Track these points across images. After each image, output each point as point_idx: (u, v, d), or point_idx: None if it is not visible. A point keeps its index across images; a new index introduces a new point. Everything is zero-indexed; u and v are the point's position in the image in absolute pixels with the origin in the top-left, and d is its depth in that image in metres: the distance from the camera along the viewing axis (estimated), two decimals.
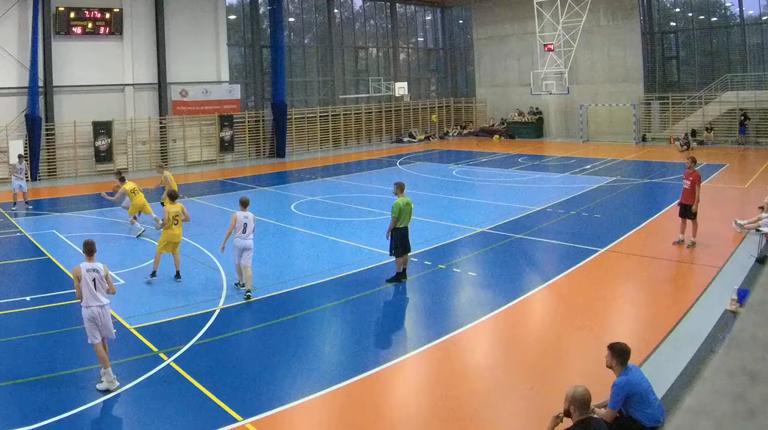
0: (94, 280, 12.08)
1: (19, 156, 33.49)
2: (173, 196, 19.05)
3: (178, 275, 18.78)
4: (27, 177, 32.16)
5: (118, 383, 11.84)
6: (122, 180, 25.24)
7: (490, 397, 11.71)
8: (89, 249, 12.48)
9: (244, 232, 17.54)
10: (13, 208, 30.08)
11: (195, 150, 48.76)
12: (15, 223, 27.34)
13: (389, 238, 18.03)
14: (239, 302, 16.74)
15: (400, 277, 18.10)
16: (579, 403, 8.15)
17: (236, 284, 18.16)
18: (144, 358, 13.29)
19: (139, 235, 24.19)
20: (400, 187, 18.28)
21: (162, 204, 23.04)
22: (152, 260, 19.02)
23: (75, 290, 12.25)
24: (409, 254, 18.49)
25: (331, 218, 27.36)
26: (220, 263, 20.29)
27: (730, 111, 49.53)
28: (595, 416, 8.58)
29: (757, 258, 18.79)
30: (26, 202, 31.24)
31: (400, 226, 17.85)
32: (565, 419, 8.55)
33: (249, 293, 17.22)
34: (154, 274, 18.77)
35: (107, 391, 11.70)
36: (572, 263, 19.71)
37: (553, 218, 26.01)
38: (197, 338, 14.26)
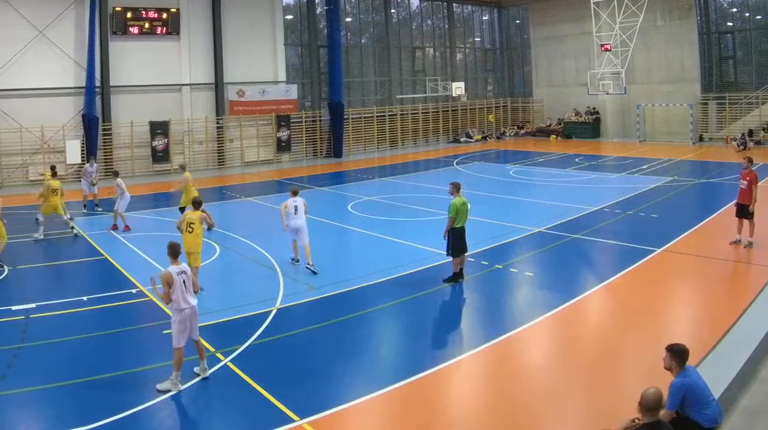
0: (184, 282, 11.84)
1: (89, 158, 31.91)
2: (198, 204, 17.69)
3: None
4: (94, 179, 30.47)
5: (181, 387, 11.56)
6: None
7: (546, 397, 11.38)
8: (175, 251, 12.29)
9: (295, 213, 19.16)
10: (84, 210, 29.12)
11: (252, 150, 46.82)
12: (72, 223, 26.08)
13: (446, 238, 17.49)
14: (297, 302, 16.34)
15: (457, 277, 17.58)
16: (647, 405, 7.95)
17: (291, 259, 19.91)
18: None
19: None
20: (456, 187, 17.74)
21: (181, 209, 23.46)
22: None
23: (163, 296, 11.83)
24: (465, 254, 17.94)
25: (388, 218, 26.39)
26: (277, 262, 19.84)
27: None
28: (664, 421, 8.28)
29: None
30: (95, 205, 29.76)
31: (457, 226, 17.32)
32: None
33: (311, 267, 18.79)
34: None
35: (167, 392, 11.43)
36: (629, 263, 19.14)
37: (610, 218, 25.31)
38: (254, 337, 13.96)
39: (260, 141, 47.25)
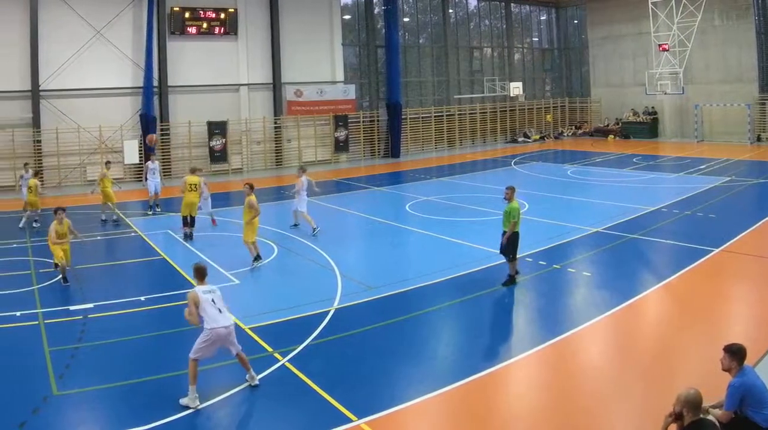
0: (213, 300, 11.08)
1: (149, 155, 30.43)
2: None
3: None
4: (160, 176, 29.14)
5: (199, 405, 10.67)
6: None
7: (604, 398, 11.07)
8: (202, 274, 11.60)
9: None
10: (149, 212, 28.01)
11: (310, 150, 44.71)
12: (130, 223, 25.63)
13: (507, 244, 16.72)
14: (354, 302, 15.81)
15: (513, 279, 16.80)
16: (691, 405, 7.70)
17: (291, 226, 23.30)
18: (259, 358, 12.42)
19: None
20: (513, 191, 16.92)
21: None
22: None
23: (188, 316, 11.05)
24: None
25: (446, 218, 25.37)
26: (336, 263, 19.18)
27: None
28: (708, 417, 8.11)
29: None
30: (154, 205, 28.34)
31: (516, 229, 16.76)
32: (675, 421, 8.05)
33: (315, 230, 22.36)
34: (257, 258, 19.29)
35: (187, 408, 10.67)
36: (687, 263, 18.49)
37: (668, 218, 24.43)
38: (312, 337, 13.51)
39: (318, 141, 45.15)
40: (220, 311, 11.01)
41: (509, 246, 16.56)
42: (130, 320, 14.66)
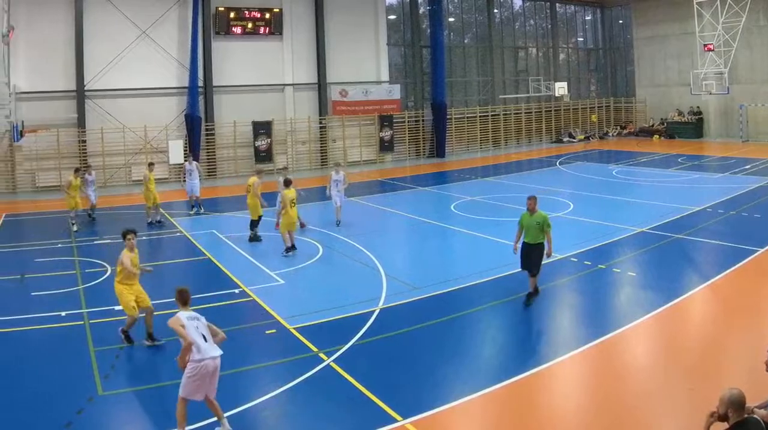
0: (197, 327, 9.43)
1: (186, 156, 28.80)
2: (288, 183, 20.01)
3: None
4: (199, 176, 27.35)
5: None
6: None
7: (649, 398, 10.43)
8: (184, 298, 9.98)
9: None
10: (192, 212, 26.59)
11: (355, 150, 42.69)
12: (176, 223, 24.68)
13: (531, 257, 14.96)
14: (399, 302, 15.20)
15: (537, 292, 14.99)
16: (735, 405, 7.07)
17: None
18: (304, 358, 12.11)
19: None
20: (536, 201, 15.03)
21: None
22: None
23: (184, 343, 9.20)
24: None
25: (491, 218, 24.32)
26: (380, 262, 18.43)
27: None
28: (754, 416, 7.26)
29: None
30: (196, 205, 26.82)
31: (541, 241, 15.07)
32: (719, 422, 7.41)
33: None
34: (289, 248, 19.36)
35: None
36: (732, 263, 17.73)
37: (713, 218, 23.52)
38: (357, 338, 13.04)
39: (363, 141, 43.10)
40: (205, 339, 9.33)
41: (537, 260, 14.78)
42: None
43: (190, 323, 9.38)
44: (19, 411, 10.26)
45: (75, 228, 23.21)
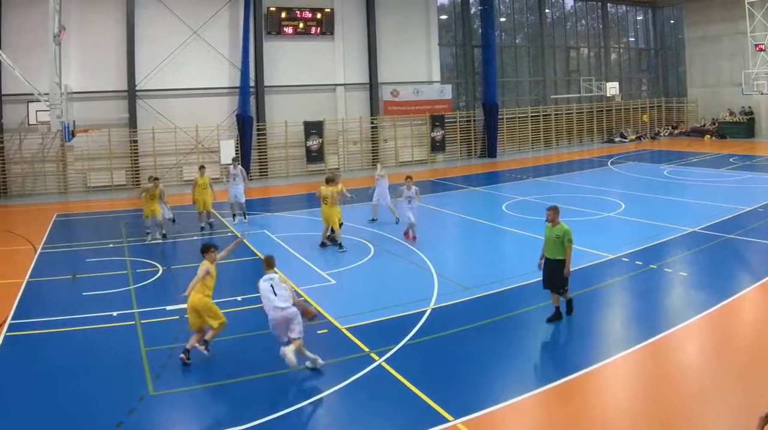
0: (271, 286, 10.68)
1: (233, 159, 25.86)
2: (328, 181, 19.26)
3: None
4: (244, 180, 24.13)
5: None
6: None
7: (701, 398, 9.89)
8: (270, 263, 11.12)
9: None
10: (234, 221, 23.35)
11: (406, 150, 39.73)
12: (227, 223, 23.17)
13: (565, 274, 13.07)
14: (451, 302, 14.27)
15: (560, 314, 13.05)
16: None
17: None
18: (355, 358, 11.34)
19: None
20: (558, 212, 13.32)
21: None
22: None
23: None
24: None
25: (542, 218, 20.61)
26: (432, 263, 17.28)
27: None
28: None
29: None
30: (239, 214, 23.67)
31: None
32: None
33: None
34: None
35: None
36: None
37: (765, 217, 21.97)
38: (409, 338, 12.21)
39: (414, 141, 40.13)
40: (275, 294, 10.63)
41: (562, 276, 12.89)
42: (228, 321, 12.30)
43: (264, 284, 10.72)
44: (72, 411, 9.74)
45: (150, 238, 20.68)
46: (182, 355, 11.17)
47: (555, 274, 12.84)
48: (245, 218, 23.58)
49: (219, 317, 11.60)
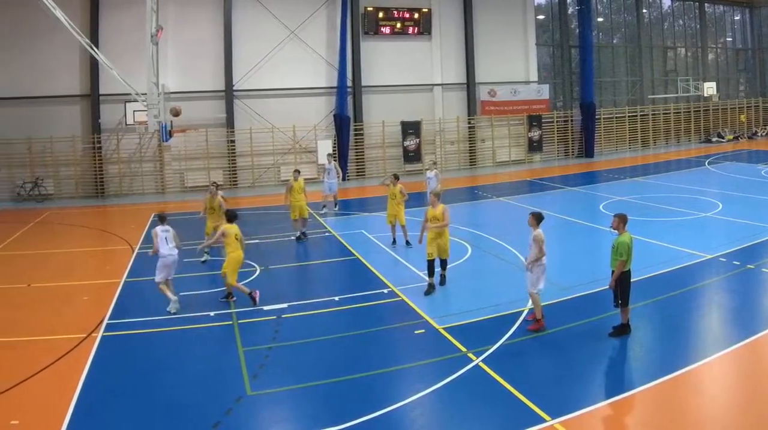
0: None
1: (328, 155, 22.96)
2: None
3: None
4: (338, 177, 22.87)
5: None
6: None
7: None
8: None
9: None
10: (327, 210, 22.32)
11: (503, 150, 34.04)
12: (324, 223, 20.56)
13: (614, 287, 10.33)
14: (548, 302, 11.31)
15: (624, 328, 10.41)
16: None
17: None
18: (453, 358, 9.71)
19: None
20: (623, 221, 10.49)
21: None
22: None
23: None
24: None
25: (640, 218, 19.49)
26: None
27: None
28: None
29: None
30: (330, 205, 22.54)
31: (627, 268, 10.36)
32: None
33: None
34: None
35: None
36: None
37: None
38: (506, 337, 10.40)
39: (512, 141, 34.32)
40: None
41: (617, 290, 10.54)
42: (325, 320, 11.67)
43: (161, 233, 11.77)
44: (169, 411, 8.37)
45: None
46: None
47: (612, 286, 10.56)
48: (336, 207, 22.56)
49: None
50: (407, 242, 16.68)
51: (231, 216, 12.55)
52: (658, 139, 41.07)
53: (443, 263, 13.35)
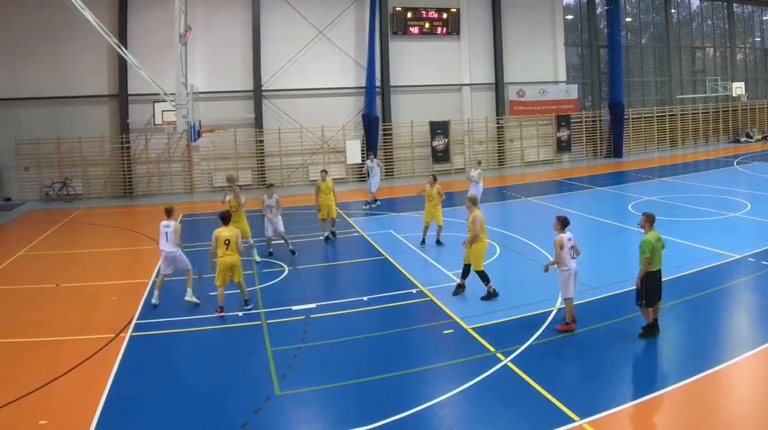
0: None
1: (368, 152, 22.86)
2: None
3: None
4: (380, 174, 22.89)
5: None
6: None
7: None
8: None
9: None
10: (364, 207, 22.05)
11: (532, 150, 32.50)
12: (352, 223, 19.73)
13: (640, 286, 9.66)
14: (577, 302, 10.55)
15: (653, 329, 9.88)
16: None
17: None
18: (481, 358, 9.38)
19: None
20: (649, 220, 9.96)
21: None
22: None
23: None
24: (660, 302, 9.99)
25: (668, 218, 18.73)
26: None
27: None
28: None
29: None
30: (371, 202, 22.29)
31: (653, 268, 9.72)
32: None
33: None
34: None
35: None
36: None
37: None
38: (534, 337, 9.97)
39: (540, 141, 32.70)
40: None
41: (643, 290, 9.76)
42: (353, 320, 11.16)
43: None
44: (198, 410, 8.06)
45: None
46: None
47: (637, 286, 9.94)
48: (374, 204, 22.29)
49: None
50: (438, 241, 16.01)
51: (221, 218, 11.58)
52: (687, 139, 39.09)
53: (466, 269, 12.13)
